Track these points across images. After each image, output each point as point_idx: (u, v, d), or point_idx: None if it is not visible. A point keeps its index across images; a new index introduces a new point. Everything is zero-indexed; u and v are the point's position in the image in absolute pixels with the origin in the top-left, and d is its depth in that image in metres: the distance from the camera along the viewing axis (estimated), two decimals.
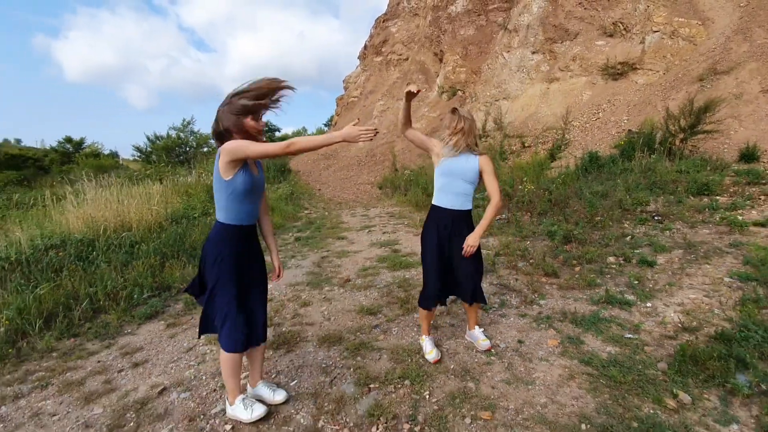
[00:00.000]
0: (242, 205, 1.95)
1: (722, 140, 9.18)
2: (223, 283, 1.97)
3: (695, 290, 3.30)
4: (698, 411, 2.01)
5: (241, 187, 1.90)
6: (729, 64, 11.10)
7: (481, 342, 2.72)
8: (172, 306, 3.93)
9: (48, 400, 2.47)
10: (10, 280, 4.26)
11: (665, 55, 12.83)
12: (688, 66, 11.99)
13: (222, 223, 1.97)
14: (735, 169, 6.98)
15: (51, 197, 8.27)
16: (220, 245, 1.96)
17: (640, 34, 13.53)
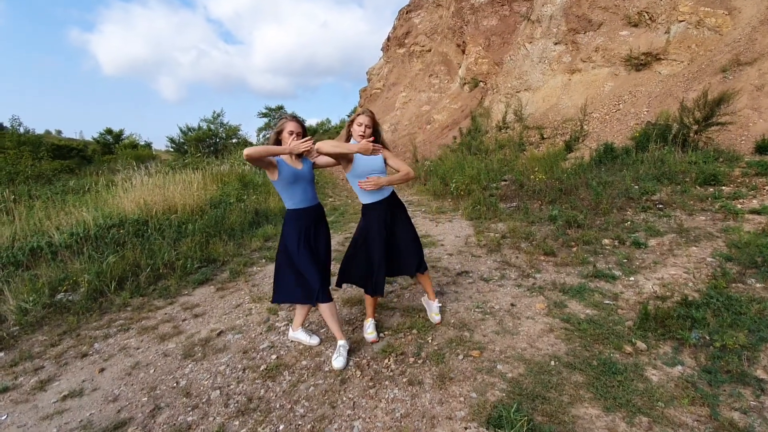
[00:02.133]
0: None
1: (740, 132, 9.24)
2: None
3: (677, 268, 3.70)
4: (651, 356, 2.47)
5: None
6: (753, 55, 10.99)
7: (434, 315, 3.03)
8: (218, 275, 4.59)
9: (131, 339, 3.15)
10: (82, 252, 5.02)
11: (690, 45, 12.72)
12: (713, 57, 11.90)
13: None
14: (747, 160, 7.14)
15: (105, 184, 9.18)
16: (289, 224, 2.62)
17: (665, 23, 13.42)
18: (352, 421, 2.07)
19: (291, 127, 2.53)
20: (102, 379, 2.64)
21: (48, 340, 3.22)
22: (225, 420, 2.14)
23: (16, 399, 2.47)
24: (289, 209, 2.65)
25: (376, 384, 2.37)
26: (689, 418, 1.93)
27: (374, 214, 2.73)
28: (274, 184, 2.63)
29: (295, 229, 2.62)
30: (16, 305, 3.74)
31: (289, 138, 2.52)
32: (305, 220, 2.65)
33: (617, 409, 2.02)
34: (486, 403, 2.11)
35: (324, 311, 2.61)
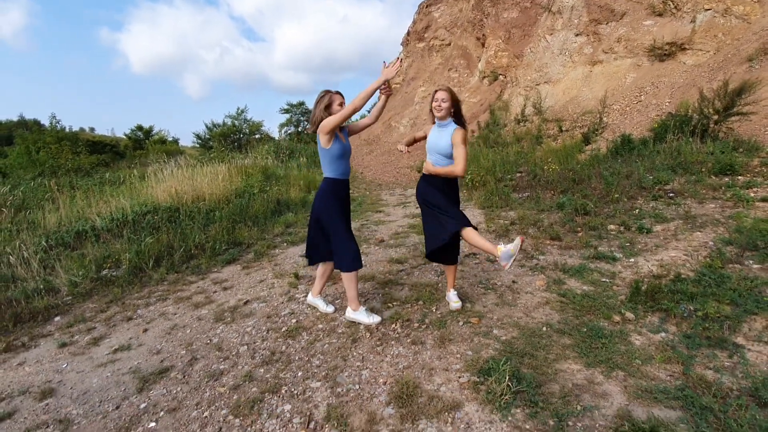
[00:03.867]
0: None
1: (764, 123, 9.05)
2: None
3: (678, 251, 3.84)
4: (638, 325, 2.67)
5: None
6: None
7: (453, 303, 3.10)
8: (244, 256, 4.97)
9: (169, 307, 3.54)
10: (122, 235, 5.50)
11: (716, 35, 12.43)
12: (739, 45, 11.60)
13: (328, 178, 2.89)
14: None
15: (138, 176, 9.77)
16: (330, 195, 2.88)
17: (691, 12, 13.12)
18: (361, 371, 2.37)
19: (340, 99, 2.80)
20: (146, 337, 3.02)
21: (97, 307, 3.65)
22: (252, 368, 2.48)
23: (73, 352, 2.88)
24: (331, 178, 2.86)
25: (383, 343, 2.66)
26: (663, 374, 2.14)
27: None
28: (322, 153, 2.82)
29: (337, 199, 2.87)
30: (68, 279, 4.20)
31: (341, 109, 2.75)
32: (344, 191, 2.94)
33: (597, 365, 2.24)
34: (479, 359, 2.36)
35: (351, 278, 2.88)
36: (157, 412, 2.14)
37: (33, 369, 2.66)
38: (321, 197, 2.88)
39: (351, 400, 2.12)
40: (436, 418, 1.93)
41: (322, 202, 2.87)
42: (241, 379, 2.38)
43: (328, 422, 1.97)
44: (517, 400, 1.98)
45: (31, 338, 3.11)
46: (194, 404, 2.19)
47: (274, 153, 15.46)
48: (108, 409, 2.20)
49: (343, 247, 2.86)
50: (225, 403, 2.17)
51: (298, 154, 16.71)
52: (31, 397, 2.34)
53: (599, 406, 1.91)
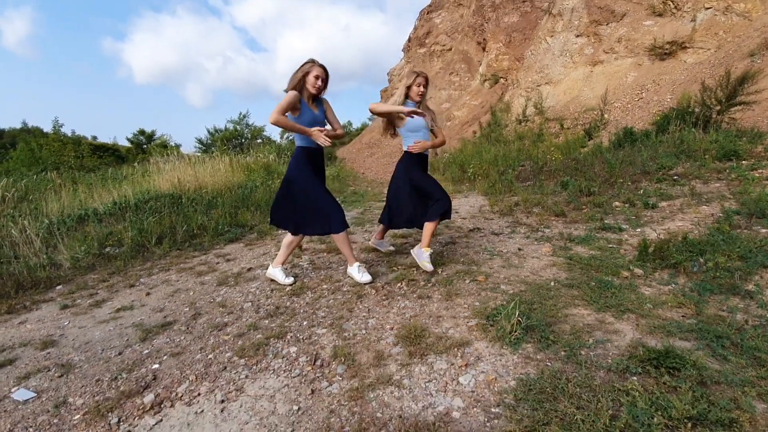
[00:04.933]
0: None
1: (767, 114, 9.06)
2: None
3: (684, 221, 3.80)
4: (647, 279, 2.63)
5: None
6: None
7: (425, 264, 3.00)
8: (247, 236, 4.95)
9: (171, 275, 3.51)
10: (124, 219, 5.48)
11: (717, 32, 12.50)
12: (741, 42, 11.66)
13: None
14: None
15: (141, 173, 9.79)
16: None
17: (691, 11, 13.21)
18: (367, 320, 2.33)
19: (316, 72, 2.77)
20: (149, 299, 2.99)
21: (99, 277, 3.62)
22: (256, 320, 2.44)
23: (75, 312, 2.84)
24: (303, 147, 2.86)
25: (389, 299, 2.62)
26: (675, 315, 2.10)
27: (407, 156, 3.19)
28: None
29: (310, 166, 2.88)
30: (70, 255, 4.18)
31: (315, 82, 2.78)
32: (318, 159, 2.94)
33: (607, 309, 2.20)
34: (487, 308, 2.33)
35: (342, 239, 2.88)
36: (161, 356, 2.11)
37: (34, 326, 2.63)
38: (295, 165, 2.90)
39: (358, 342, 2.09)
40: (445, 354, 1.89)
41: (297, 169, 2.88)
42: (246, 328, 2.34)
43: (335, 359, 1.93)
44: (528, 336, 1.94)
45: (33, 303, 3.08)
46: (198, 349, 2.15)
47: (276, 153, 15.50)
48: (110, 355, 2.16)
49: (330, 209, 2.87)
50: (229, 347, 2.14)
51: None
52: (32, 347, 2.30)
53: (611, 340, 1.87)
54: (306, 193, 2.88)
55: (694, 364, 1.53)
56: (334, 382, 1.76)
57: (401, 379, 1.73)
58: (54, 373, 2.01)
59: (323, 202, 2.87)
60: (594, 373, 1.62)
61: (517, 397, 1.52)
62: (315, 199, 2.88)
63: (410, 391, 1.65)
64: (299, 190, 2.88)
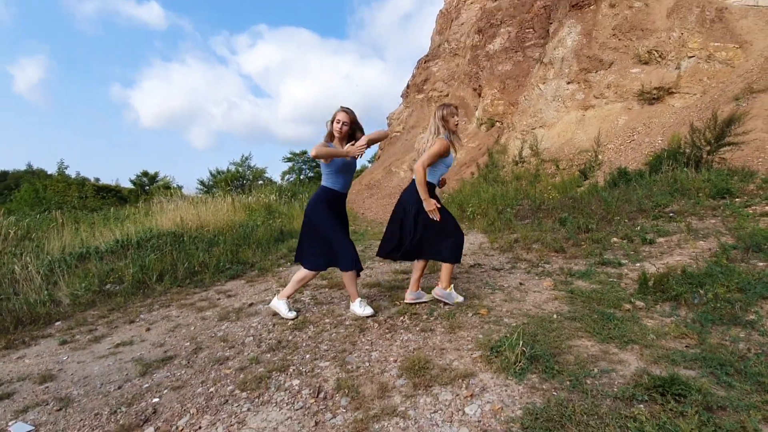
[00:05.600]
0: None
1: (756, 155, 9.33)
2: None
3: (683, 256, 3.84)
4: (649, 311, 2.64)
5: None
6: (766, 83, 11.25)
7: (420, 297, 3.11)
8: (248, 272, 4.95)
9: (172, 311, 3.49)
10: (126, 256, 5.50)
11: (701, 79, 13.09)
12: (725, 87, 12.20)
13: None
14: (763, 177, 7.22)
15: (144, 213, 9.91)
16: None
17: (675, 60, 13.90)
18: (370, 353, 2.31)
19: (338, 117, 2.92)
20: (149, 334, 2.96)
21: (99, 314, 3.59)
22: (258, 354, 2.42)
23: (74, 347, 2.81)
24: (327, 187, 2.99)
25: (392, 332, 2.61)
26: (678, 344, 2.10)
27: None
28: (323, 167, 2.98)
29: (329, 207, 2.98)
30: (70, 292, 4.17)
31: (337, 126, 2.91)
32: (339, 203, 3.06)
33: (611, 340, 2.20)
34: (491, 340, 2.32)
35: (349, 276, 2.95)
36: (161, 390, 2.08)
37: (33, 361, 2.60)
38: (313, 202, 3.04)
39: (361, 374, 2.07)
40: (450, 385, 1.87)
41: (315, 206, 3.02)
42: (247, 362, 2.32)
43: (338, 391, 1.90)
44: (532, 366, 1.93)
45: (32, 338, 3.04)
46: (199, 382, 2.12)
47: (277, 194, 15.72)
48: (110, 389, 2.13)
49: (342, 248, 2.93)
50: (231, 380, 2.11)
51: (301, 196, 16.98)
52: (31, 381, 2.27)
53: (616, 369, 1.87)
54: (321, 229, 2.97)
55: (700, 390, 1.53)
56: (338, 414, 1.74)
57: (406, 410, 1.71)
58: (52, 407, 1.98)
59: (335, 238, 2.94)
60: (600, 401, 1.61)
61: (525, 425, 1.51)
62: (328, 234, 2.96)
63: (416, 422, 1.63)
64: (315, 226, 2.99)
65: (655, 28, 15.25)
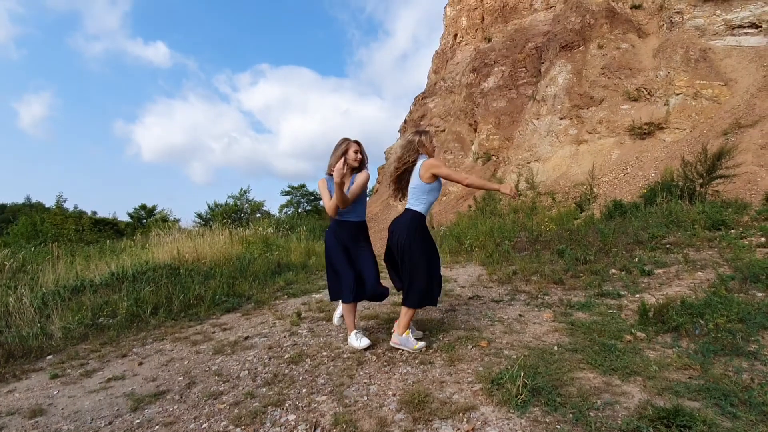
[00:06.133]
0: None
1: (748, 187, 9.50)
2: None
3: (681, 287, 3.84)
4: (650, 342, 2.61)
5: None
6: (753, 118, 11.62)
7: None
8: (244, 306, 4.88)
9: (166, 345, 3.42)
10: (120, 289, 5.44)
11: (690, 114, 13.49)
12: (714, 122, 12.57)
13: None
14: (757, 209, 7.32)
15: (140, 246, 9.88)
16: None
17: (663, 97, 14.38)
18: (369, 386, 2.26)
19: (355, 147, 3.01)
20: (141, 369, 2.89)
21: (91, 347, 3.52)
22: (253, 389, 2.36)
23: (65, 382, 2.74)
24: (333, 219, 3.09)
25: (391, 365, 2.56)
26: (682, 376, 2.06)
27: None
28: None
29: (335, 237, 3.06)
30: (62, 325, 4.09)
31: (355, 156, 2.99)
32: (345, 230, 3.05)
33: (613, 372, 2.16)
34: (491, 373, 2.28)
35: (347, 308, 2.99)
36: (153, 426, 2.01)
37: (23, 395, 2.52)
38: (327, 234, 3.15)
39: (359, 409, 2.01)
40: (450, 419, 1.82)
41: (327, 237, 3.14)
42: (242, 396, 2.26)
43: (335, 426, 1.85)
44: (534, 399, 1.89)
45: (23, 372, 2.97)
46: (192, 418, 2.06)
47: (275, 226, 15.71)
48: (100, 425, 2.06)
49: (340, 279, 3.00)
50: (225, 416, 2.05)
51: (299, 229, 16.97)
52: (20, 416, 2.20)
53: (620, 401, 1.83)
54: (329, 259, 3.08)
55: (705, 421, 1.50)
56: None
57: None
58: None
59: (338, 268, 2.99)
60: None
61: None
62: (332, 265, 3.06)
63: None
64: (327, 256, 3.10)
65: (643, 67, 15.85)
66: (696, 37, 14.86)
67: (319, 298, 4.89)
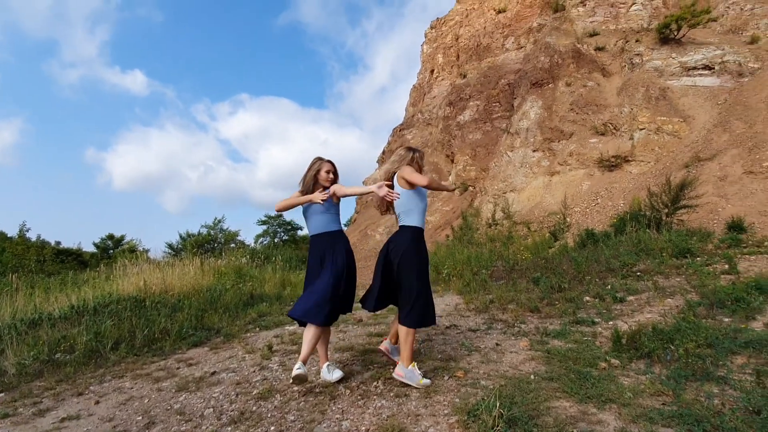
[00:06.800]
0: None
1: (711, 216, 9.94)
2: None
3: (652, 313, 3.90)
4: (624, 369, 2.61)
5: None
6: (712, 152, 12.30)
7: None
8: (213, 339, 4.67)
9: (125, 383, 3.21)
10: (80, 323, 5.13)
11: (653, 148, 14.21)
12: (675, 156, 13.26)
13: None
14: (720, 237, 7.65)
15: (104, 278, 9.46)
16: None
17: (628, 131, 15.14)
18: (341, 422, 2.16)
19: (327, 167, 2.99)
20: (98, 408, 2.69)
21: (46, 385, 3.26)
22: (217, 428, 2.21)
23: (16, 422, 2.51)
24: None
25: (364, 398, 2.46)
26: (655, 402, 2.05)
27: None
28: None
29: (311, 253, 3.02)
30: (16, 361, 3.81)
31: (326, 176, 2.97)
32: (320, 245, 2.94)
33: (589, 400, 2.14)
34: (467, 404, 2.21)
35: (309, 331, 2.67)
36: None
37: None
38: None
39: None
40: None
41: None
42: None
43: None
44: (510, 430, 1.83)
45: None
46: None
47: (249, 257, 15.34)
48: None
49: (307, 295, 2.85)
50: None
51: (275, 259, 16.63)
52: None
53: (595, 430, 1.79)
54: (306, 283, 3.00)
55: None
56: None
57: None
58: None
59: (307, 287, 2.93)
60: None
61: None
62: (306, 284, 2.96)
63: None
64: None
65: (608, 104, 16.72)
66: (655, 77, 15.88)
67: (293, 330, 4.74)
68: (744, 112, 13.16)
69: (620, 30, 19.72)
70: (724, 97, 14.37)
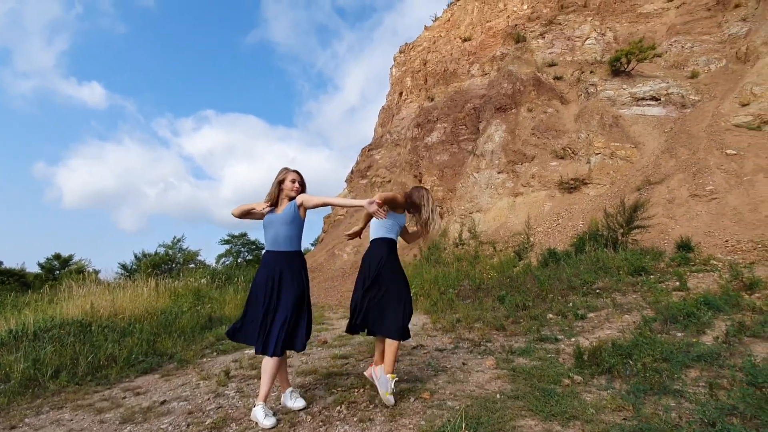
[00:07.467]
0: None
1: (661, 237, 10.47)
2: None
3: (612, 330, 4.00)
4: (587, 385, 2.63)
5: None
6: (660, 177, 13.08)
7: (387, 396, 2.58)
8: (165, 365, 4.37)
9: (65, 414, 2.92)
10: (18, 349, 4.70)
11: (608, 172, 14.98)
12: (628, 179, 14.00)
13: None
14: (670, 256, 8.04)
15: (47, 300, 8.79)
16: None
17: (585, 156, 15.92)
18: None
19: (292, 176, 2.83)
20: None
21: None
22: None
23: None
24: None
25: (326, 424, 2.34)
26: (617, 417, 2.06)
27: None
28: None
29: (261, 271, 2.70)
30: None
31: (292, 185, 2.80)
32: (272, 263, 2.68)
33: (553, 418, 2.12)
34: (433, 427, 2.14)
35: (267, 363, 2.50)
36: None
37: None
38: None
39: None
40: None
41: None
42: None
43: None
44: None
45: None
46: None
47: (210, 277, 14.71)
48: None
49: (252, 324, 2.65)
50: None
51: (237, 279, 16.06)
52: None
53: None
54: (249, 300, 2.74)
55: None
56: None
57: None
58: None
59: (250, 312, 2.69)
60: None
61: None
62: (249, 303, 2.73)
63: None
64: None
65: (566, 130, 17.57)
66: (608, 106, 16.90)
67: (252, 354, 4.52)
68: (688, 140, 14.16)
69: (576, 61, 20.94)
70: (669, 126, 15.43)
